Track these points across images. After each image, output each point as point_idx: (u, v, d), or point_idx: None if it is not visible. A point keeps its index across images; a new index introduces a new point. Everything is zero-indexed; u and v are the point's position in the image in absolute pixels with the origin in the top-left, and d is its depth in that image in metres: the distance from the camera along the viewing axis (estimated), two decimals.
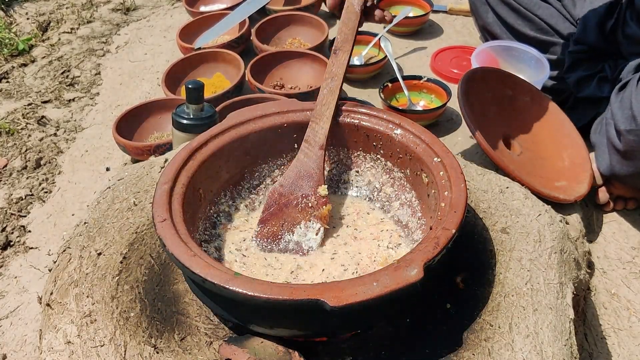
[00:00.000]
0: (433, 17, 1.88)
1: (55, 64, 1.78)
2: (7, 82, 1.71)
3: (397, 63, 1.61)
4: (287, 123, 0.86)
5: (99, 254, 0.79)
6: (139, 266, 0.78)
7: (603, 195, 1.18)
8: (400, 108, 1.40)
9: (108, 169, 1.38)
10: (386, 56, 1.56)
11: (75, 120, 1.56)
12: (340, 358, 0.68)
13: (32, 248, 1.19)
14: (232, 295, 0.59)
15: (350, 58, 0.85)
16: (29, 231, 1.23)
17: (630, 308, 1.03)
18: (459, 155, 1.16)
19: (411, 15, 1.75)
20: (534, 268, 0.77)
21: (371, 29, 1.69)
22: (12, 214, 1.27)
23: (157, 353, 0.67)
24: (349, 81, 1.58)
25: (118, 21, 2.04)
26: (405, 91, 1.44)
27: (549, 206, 0.88)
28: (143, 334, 0.69)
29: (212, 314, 0.73)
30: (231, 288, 0.59)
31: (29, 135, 1.49)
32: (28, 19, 2.02)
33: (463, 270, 0.77)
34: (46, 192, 1.33)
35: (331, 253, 0.79)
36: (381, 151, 0.86)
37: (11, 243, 1.20)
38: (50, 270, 0.87)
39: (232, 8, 1.74)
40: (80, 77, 1.73)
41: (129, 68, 1.76)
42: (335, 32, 1.70)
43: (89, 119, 1.56)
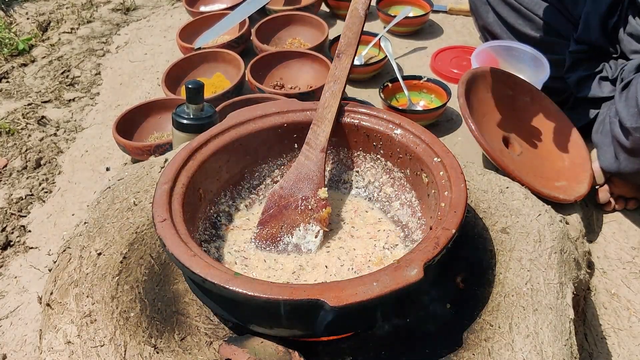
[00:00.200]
0: (433, 17, 1.88)
1: (55, 64, 1.78)
2: (7, 82, 1.71)
3: (397, 63, 1.61)
4: (287, 123, 0.86)
5: (99, 254, 0.79)
6: (139, 266, 0.78)
7: (604, 194, 1.18)
8: (400, 108, 1.40)
9: (108, 169, 1.38)
10: (386, 56, 1.56)
11: (75, 120, 1.56)
12: (340, 358, 0.68)
13: (32, 248, 1.19)
14: (232, 295, 0.59)
15: (353, 62, 0.85)
16: (29, 231, 1.23)
17: (630, 308, 1.03)
18: (459, 155, 1.16)
19: (411, 15, 1.75)
20: (534, 268, 0.77)
21: (371, 29, 1.69)
22: (12, 214, 1.27)
23: (157, 353, 0.67)
24: (349, 81, 1.57)
25: (118, 21, 2.04)
26: (405, 91, 1.44)
27: (549, 206, 0.88)
28: (143, 334, 0.69)
29: (212, 314, 0.73)
30: (231, 288, 0.59)
31: (29, 135, 1.49)
32: (28, 19, 2.02)
33: (463, 270, 0.77)
34: (46, 192, 1.33)
35: (325, 247, 0.79)
36: (381, 151, 0.86)
37: (11, 243, 1.20)
38: (50, 270, 0.87)
39: (232, 8, 1.74)
40: (80, 77, 1.73)
41: (129, 68, 1.76)
42: (335, 32, 1.70)
43: (89, 119, 1.56)
